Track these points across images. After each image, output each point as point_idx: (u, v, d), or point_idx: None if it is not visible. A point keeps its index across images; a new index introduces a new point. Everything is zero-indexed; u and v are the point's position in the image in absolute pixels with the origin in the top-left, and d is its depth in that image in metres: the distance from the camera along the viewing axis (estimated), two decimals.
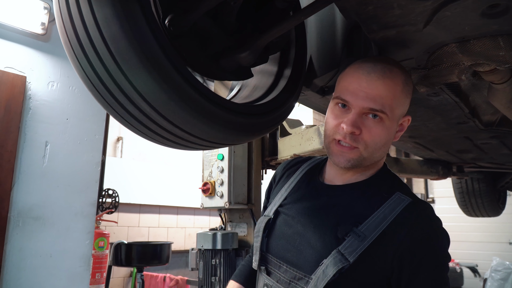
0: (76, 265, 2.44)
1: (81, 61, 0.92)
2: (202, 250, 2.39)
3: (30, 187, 2.29)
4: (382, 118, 0.99)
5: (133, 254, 3.57)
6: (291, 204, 1.13)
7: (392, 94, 0.99)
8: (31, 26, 2.31)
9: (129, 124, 1.04)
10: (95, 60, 0.90)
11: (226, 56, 1.17)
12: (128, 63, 0.88)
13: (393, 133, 1.04)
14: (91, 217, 2.52)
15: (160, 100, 0.93)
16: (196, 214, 6.01)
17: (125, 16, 0.86)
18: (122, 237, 4.79)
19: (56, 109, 2.44)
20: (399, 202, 0.99)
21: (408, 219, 0.96)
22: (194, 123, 1.00)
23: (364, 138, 0.99)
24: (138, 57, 0.88)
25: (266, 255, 1.11)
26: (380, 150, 1.03)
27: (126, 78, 0.90)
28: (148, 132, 1.05)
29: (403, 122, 1.07)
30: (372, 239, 0.94)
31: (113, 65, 0.89)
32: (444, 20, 1.05)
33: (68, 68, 2.51)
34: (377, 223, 0.95)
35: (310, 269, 0.98)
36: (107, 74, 0.91)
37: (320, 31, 1.59)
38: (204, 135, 1.06)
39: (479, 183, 3.84)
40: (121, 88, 0.92)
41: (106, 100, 0.97)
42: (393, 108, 1.00)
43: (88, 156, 2.56)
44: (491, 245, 7.46)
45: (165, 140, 1.08)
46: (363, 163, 1.03)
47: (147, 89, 0.91)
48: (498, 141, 2.41)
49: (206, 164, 2.75)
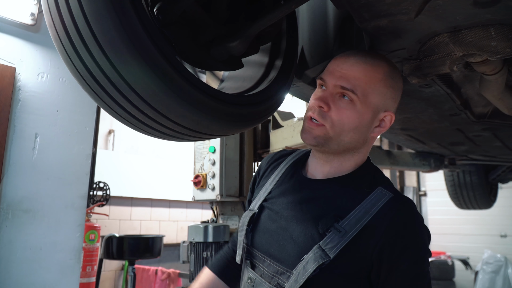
0: (67, 258, 2.42)
1: (68, 52, 0.91)
2: (194, 243, 2.39)
3: (20, 179, 2.26)
4: (353, 100, 1.00)
5: (124, 247, 3.56)
6: (275, 198, 1.13)
7: (368, 79, 1.01)
8: (21, 17, 2.28)
9: (118, 116, 1.03)
10: (82, 50, 0.88)
11: (216, 45, 1.16)
12: (116, 52, 0.86)
13: (367, 121, 1.03)
14: (81, 210, 2.50)
15: (149, 90, 0.91)
16: (189, 208, 6.00)
17: (113, 5, 0.84)
18: (113, 230, 4.78)
19: (46, 101, 2.41)
20: (381, 197, 0.99)
21: (388, 213, 0.96)
22: (184, 113, 0.98)
23: (332, 116, 1.01)
24: (126, 46, 0.86)
25: (251, 249, 1.11)
26: (348, 134, 1.02)
27: (114, 68, 0.88)
28: (137, 123, 1.03)
29: (384, 117, 1.05)
30: (353, 234, 0.94)
31: (100, 55, 0.87)
32: (436, 9, 1.04)
33: (58, 59, 2.48)
34: (358, 218, 0.96)
35: (291, 264, 0.98)
36: (95, 65, 0.89)
37: (312, 22, 1.58)
38: (194, 125, 1.04)
39: (471, 176, 3.86)
40: (109, 79, 0.91)
41: (95, 92, 0.96)
42: (367, 93, 1.00)
43: (78, 148, 2.53)
44: (482, 237, 7.52)
45: (155, 131, 1.07)
46: (329, 143, 1.03)
47: (135, 79, 0.89)
48: (490, 134, 2.41)
49: (197, 157, 2.73)
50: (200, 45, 1.15)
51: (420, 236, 0.97)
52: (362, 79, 1.00)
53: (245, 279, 1.11)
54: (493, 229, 7.55)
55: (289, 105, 5.60)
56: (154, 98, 0.93)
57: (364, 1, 1.00)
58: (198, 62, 1.15)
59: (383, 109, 1.04)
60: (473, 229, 7.67)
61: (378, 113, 1.04)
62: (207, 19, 1.12)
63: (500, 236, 7.53)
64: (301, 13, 1.59)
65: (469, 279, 7.10)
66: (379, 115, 1.04)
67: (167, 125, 1.01)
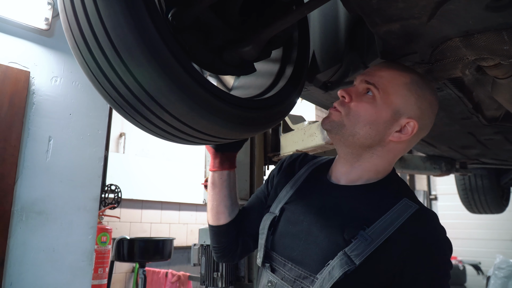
0: (79, 260, 2.44)
1: (85, 56, 0.92)
2: (204, 246, 2.39)
3: (34, 182, 2.30)
4: (374, 96, 1.04)
5: (135, 249, 3.58)
6: (296, 201, 1.14)
7: (392, 78, 1.05)
8: (35, 22, 2.31)
9: (132, 119, 1.04)
10: (98, 54, 0.89)
11: (229, 50, 1.17)
12: (131, 56, 0.88)
13: (384, 119, 1.04)
14: (93, 212, 2.53)
15: (163, 94, 0.93)
16: (198, 210, 6.02)
17: (129, 10, 0.86)
18: (124, 233, 4.81)
19: (60, 104, 2.44)
20: (406, 209, 1.00)
21: (413, 226, 0.97)
22: (196, 117, 0.99)
23: (351, 105, 1.06)
24: (141, 51, 0.87)
25: (271, 253, 1.11)
26: (364, 127, 1.04)
27: (130, 74, 0.90)
28: (151, 126, 1.05)
29: (406, 124, 1.05)
30: (378, 243, 0.95)
31: (116, 59, 0.89)
32: (448, 14, 1.04)
33: (71, 63, 2.51)
34: (384, 228, 0.96)
35: (315, 268, 0.99)
36: (111, 69, 0.90)
37: (323, 26, 1.59)
38: (205, 129, 1.05)
39: (482, 180, 3.83)
40: (125, 84, 0.92)
41: (110, 96, 0.97)
42: (389, 92, 1.04)
43: (91, 151, 2.56)
44: (494, 242, 7.44)
45: (167, 134, 1.08)
46: (342, 131, 1.06)
47: (150, 83, 0.91)
48: (501, 137, 2.40)
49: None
50: (213, 50, 1.16)
51: (443, 251, 0.97)
52: (386, 77, 1.05)
53: (264, 282, 1.11)
54: (505, 233, 7.46)
55: (300, 109, 5.60)
56: (168, 101, 0.94)
57: (376, 6, 1.00)
58: (211, 66, 1.16)
59: (406, 115, 1.04)
60: (484, 233, 7.59)
61: (399, 117, 1.04)
62: (220, 24, 1.14)
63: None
64: (313, 17, 1.59)
65: (481, 284, 7.02)
66: (401, 119, 1.04)
67: (179, 128, 1.02)
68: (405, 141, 1.08)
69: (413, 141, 1.11)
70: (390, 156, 1.09)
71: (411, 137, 1.07)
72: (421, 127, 1.07)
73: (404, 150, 1.11)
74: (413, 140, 1.11)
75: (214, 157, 1.29)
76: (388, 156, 1.09)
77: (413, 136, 1.08)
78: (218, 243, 1.31)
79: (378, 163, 1.09)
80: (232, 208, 1.31)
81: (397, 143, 1.07)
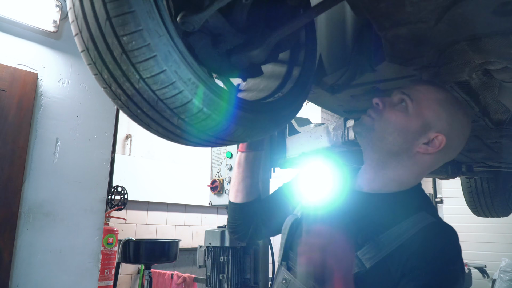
0: (86, 261, 2.46)
1: (94, 59, 0.93)
2: (210, 248, 2.40)
3: (41, 183, 2.32)
4: (406, 105, 1.08)
5: (141, 251, 3.59)
6: (319, 205, 1.18)
7: (427, 93, 1.09)
8: (43, 24, 2.34)
9: (143, 123, 1.04)
10: (108, 57, 0.90)
11: (237, 53, 1.17)
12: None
13: (413, 129, 1.07)
14: (100, 214, 2.55)
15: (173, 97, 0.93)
16: (204, 212, 6.02)
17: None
18: (130, 234, 4.82)
19: (67, 106, 2.46)
20: (422, 220, 1.01)
21: (424, 235, 0.98)
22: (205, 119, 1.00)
23: (383, 112, 1.10)
24: None
25: (288, 252, 1.17)
26: (392, 134, 1.07)
27: (140, 76, 0.90)
28: (158, 128, 1.05)
29: (435, 137, 1.06)
30: (390, 249, 0.97)
31: (125, 60, 0.89)
32: (455, 18, 1.04)
33: (79, 65, 2.54)
34: (397, 235, 0.98)
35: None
36: (121, 72, 0.91)
37: (330, 29, 1.59)
38: (215, 132, 1.06)
39: (488, 183, 3.80)
40: (134, 87, 0.93)
41: (117, 97, 0.98)
42: (422, 105, 1.07)
43: (98, 153, 2.58)
44: (500, 245, 7.40)
45: (177, 137, 1.08)
46: (372, 134, 1.10)
47: None
48: (508, 140, 2.39)
49: (214, 162, 2.75)
50: (221, 53, 1.17)
51: (452, 265, 0.96)
52: (421, 91, 1.10)
53: (279, 280, 1.16)
54: (511, 236, 7.42)
55: (305, 111, 5.60)
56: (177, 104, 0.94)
57: (384, 10, 1.01)
58: (219, 69, 1.17)
59: (435, 129, 1.06)
60: (490, 236, 7.55)
61: (428, 130, 1.06)
62: (228, 28, 1.14)
63: None
64: (319, 20, 1.60)
65: (487, 287, 6.98)
66: (430, 132, 1.06)
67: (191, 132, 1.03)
68: (432, 155, 1.08)
69: (440, 158, 1.11)
70: (415, 168, 1.10)
71: (438, 152, 1.08)
72: (449, 145, 1.07)
73: (429, 165, 1.11)
74: (439, 157, 1.11)
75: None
76: (413, 168, 1.10)
77: (440, 152, 1.08)
78: (232, 219, 1.41)
79: (402, 174, 1.10)
80: (251, 190, 1.38)
81: (423, 155, 1.08)
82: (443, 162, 1.15)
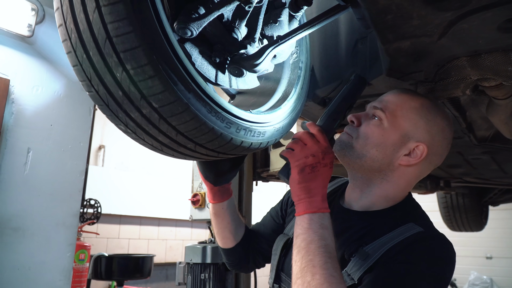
0: (56, 279, 2.32)
1: (83, 64, 0.86)
2: (191, 264, 2.31)
3: (10, 196, 2.18)
4: (381, 119, 1.06)
5: (114, 267, 3.46)
6: None
7: (401, 103, 1.07)
8: (17, 28, 2.22)
9: (134, 135, 0.98)
10: (99, 63, 0.83)
11: (233, 62, 1.13)
12: (136, 66, 0.82)
13: (392, 142, 1.04)
14: (73, 228, 2.42)
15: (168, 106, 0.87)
16: (178, 226, 5.89)
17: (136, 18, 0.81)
18: (101, 249, 4.65)
19: (40, 115, 2.34)
20: (410, 229, 0.98)
21: (410, 242, 0.94)
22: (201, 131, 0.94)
23: (360, 129, 1.08)
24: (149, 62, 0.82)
25: (280, 274, 1.13)
26: (371, 150, 1.05)
27: (133, 84, 0.84)
28: (150, 140, 0.99)
29: (415, 148, 1.04)
30: (376, 258, 0.94)
31: (119, 67, 0.83)
32: (459, 32, 1.03)
33: (53, 72, 2.42)
34: (382, 244, 0.96)
35: None
36: (112, 79, 0.85)
37: (323, 42, 1.57)
38: (210, 144, 1.00)
39: (464, 198, 3.88)
40: (127, 95, 0.86)
41: (110, 109, 0.91)
42: (397, 115, 1.05)
43: (72, 164, 2.46)
44: (468, 259, 7.55)
45: (170, 149, 1.02)
46: (351, 153, 1.07)
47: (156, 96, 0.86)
48: (488, 157, 2.43)
49: (196, 175, 2.67)
50: (217, 62, 1.12)
51: (435, 267, 0.91)
52: (394, 102, 1.07)
53: None
54: (479, 250, 7.59)
55: None
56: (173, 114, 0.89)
57: (390, 22, 0.98)
58: (215, 78, 1.12)
59: (415, 139, 1.04)
60: (459, 250, 7.59)
61: (408, 140, 1.04)
62: (226, 36, 1.10)
63: (486, 257, 7.57)
64: (313, 32, 1.57)
65: None
66: (409, 143, 1.04)
67: (185, 145, 0.97)
68: (415, 166, 1.06)
69: (425, 167, 1.09)
70: (401, 182, 1.07)
71: (421, 162, 1.05)
72: (432, 152, 1.06)
73: (416, 176, 1.09)
74: (425, 166, 1.08)
75: (212, 191, 1.31)
76: (399, 182, 1.07)
77: (424, 161, 1.06)
78: (228, 260, 1.41)
79: (388, 189, 1.07)
80: (237, 232, 1.36)
81: (406, 167, 1.06)
82: (430, 170, 1.13)
